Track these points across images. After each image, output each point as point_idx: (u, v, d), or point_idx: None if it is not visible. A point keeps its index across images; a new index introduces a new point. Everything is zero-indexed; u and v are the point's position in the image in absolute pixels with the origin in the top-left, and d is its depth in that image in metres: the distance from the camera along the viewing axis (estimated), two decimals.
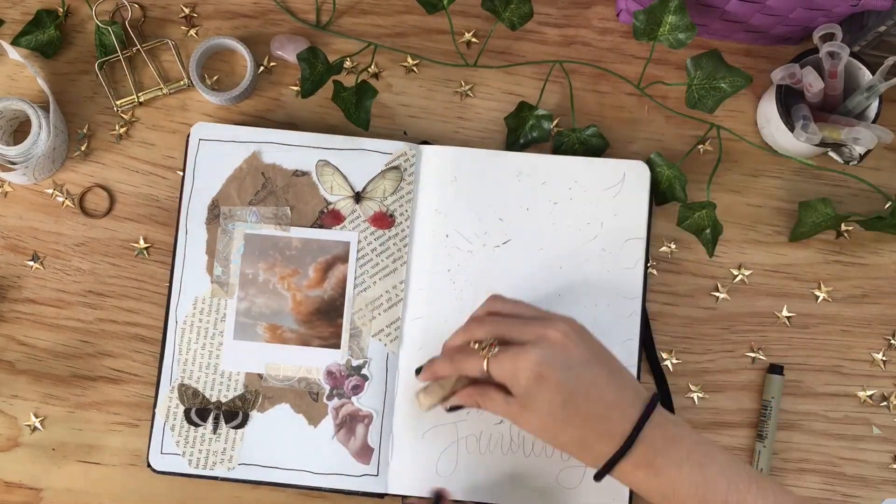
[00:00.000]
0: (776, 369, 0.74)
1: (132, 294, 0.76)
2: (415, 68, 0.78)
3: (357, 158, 0.74)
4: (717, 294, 0.76)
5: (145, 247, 0.76)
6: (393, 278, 0.73)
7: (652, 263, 0.76)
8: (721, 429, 0.74)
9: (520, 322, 0.62)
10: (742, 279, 0.76)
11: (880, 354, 0.75)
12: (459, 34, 0.79)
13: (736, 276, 0.76)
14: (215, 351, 0.73)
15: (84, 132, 0.77)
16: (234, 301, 0.73)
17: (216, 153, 0.74)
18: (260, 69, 0.78)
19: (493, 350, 0.60)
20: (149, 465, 0.71)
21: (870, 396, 0.75)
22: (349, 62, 0.78)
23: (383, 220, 0.74)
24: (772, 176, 0.77)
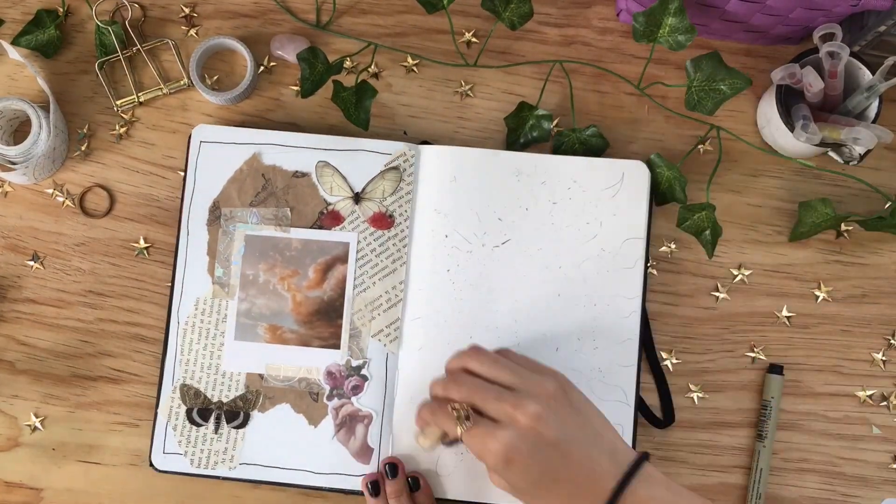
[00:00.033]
0: (776, 369, 0.74)
1: (132, 294, 0.76)
2: (415, 68, 0.78)
3: (356, 159, 0.74)
4: (717, 294, 0.76)
5: (145, 247, 0.76)
6: (392, 279, 0.73)
7: (652, 263, 0.76)
8: (721, 429, 0.74)
9: (494, 395, 0.62)
10: (742, 279, 0.76)
11: (880, 354, 0.75)
12: (459, 34, 0.79)
13: (736, 276, 0.76)
14: (216, 351, 0.73)
15: (84, 132, 0.77)
16: (235, 302, 0.73)
17: (217, 155, 0.75)
18: (260, 69, 0.78)
19: (467, 423, 0.61)
20: (151, 465, 0.71)
21: (870, 396, 0.75)
22: (349, 62, 0.78)
23: (383, 221, 0.74)
24: (772, 176, 0.77)
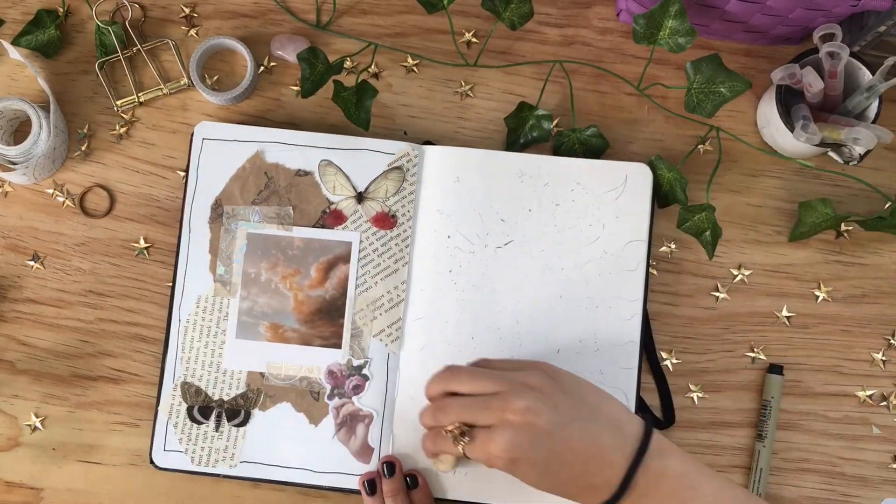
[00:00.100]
0: (776, 369, 0.74)
1: (132, 294, 0.76)
2: (415, 68, 0.78)
3: (359, 158, 0.74)
4: (717, 294, 0.76)
5: (145, 247, 0.76)
6: (394, 279, 0.73)
7: (652, 263, 0.76)
8: (721, 429, 0.74)
9: (480, 404, 0.62)
10: (742, 279, 0.76)
11: (880, 354, 0.75)
12: (459, 34, 0.79)
13: (736, 276, 0.76)
14: (218, 349, 0.73)
15: (84, 132, 0.77)
16: (237, 300, 0.73)
17: (219, 152, 0.74)
18: (260, 69, 0.78)
19: (464, 440, 0.62)
20: (152, 462, 0.71)
21: (869, 396, 0.75)
22: (349, 62, 0.78)
23: (385, 221, 0.74)
24: (772, 176, 0.77)
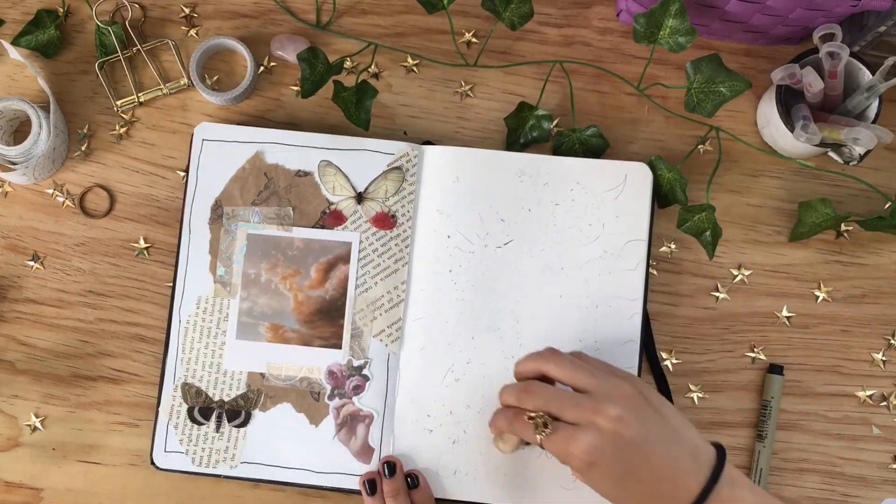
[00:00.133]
0: (776, 369, 0.74)
1: (132, 294, 0.76)
2: (415, 68, 0.78)
3: (359, 159, 0.74)
4: (717, 294, 0.76)
5: (145, 247, 0.76)
6: (394, 279, 0.73)
7: (652, 263, 0.76)
8: (721, 429, 0.74)
9: (572, 401, 0.61)
10: (742, 279, 0.76)
11: (880, 354, 0.75)
12: (459, 34, 0.79)
13: (736, 276, 0.76)
14: (218, 350, 0.73)
15: (84, 132, 0.77)
16: (237, 301, 0.73)
17: (219, 153, 0.74)
18: (260, 69, 0.78)
19: (545, 430, 0.61)
20: (152, 463, 0.71)
21: (870, 396, 0.75)
22: (349, 62, 0.78)
23: (385, 221, 0.74)
24: (772, 176, 0.77)
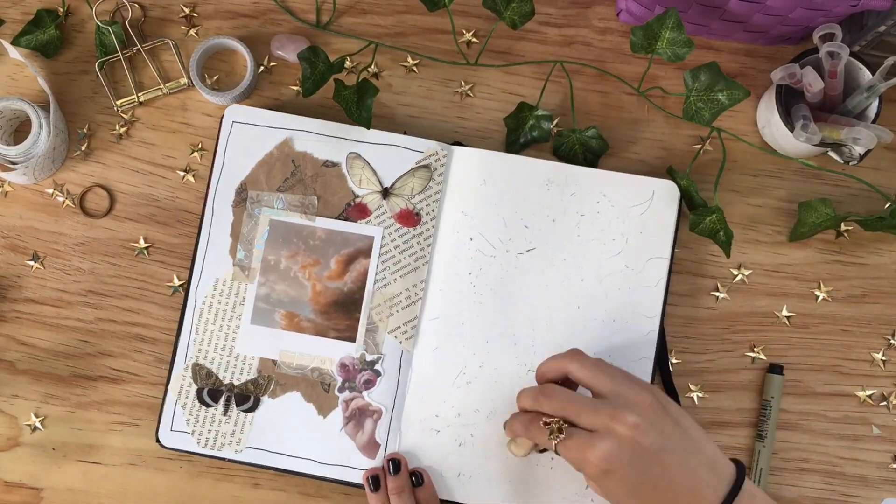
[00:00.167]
0: (776, 369, 0.74)
1: (132, 294, 0.76)
2: (415, 68, 0.78)
3: (388, 154, 0.74)
4: (717, 294, 0.76)
5: (145, 247, 0.76)
6: (414, 277, 0.73)
7: None
8: (721, 428, 0.74)
9: (590, 406, 0.61)
10: (742, 279, 0.76)
11: (880, 354, 0.75)
12: (459, 34, 0.79)
13: (736, 276, 0.76)
14: (232, 334, 0.73)
15: (84, 132, 0.77)
16: (255, 286, 0.73)
17: (248, 137, 0.74)
18: (260, 69, 0.78)
19: (560, 436, 0.61)
20: (157, 441, 0.71)
21: (870, 396, 0.75)
22: (349, 62, 0.78)
23: (409, 218, 0.74)
24: (772, 176, 0.77)
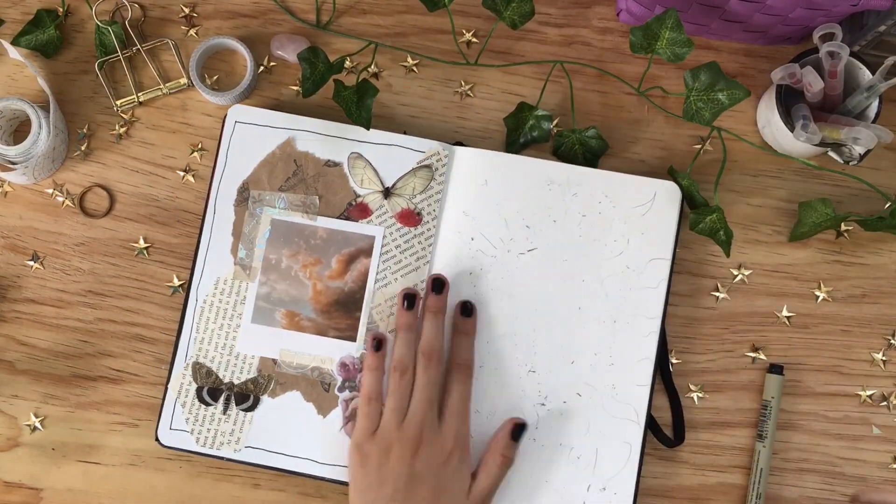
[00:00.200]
0: (776, 369, 0.74)
1: (132, 294, 0.76)
2: (415, 68, 0.78)
3: (389, 154, 0.74)
4: (717, 294, 0.76)
5: (145, 247, 0.76)
6: (415, 276, 0.73)
7: None
8: (721, 429, 0.74)
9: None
10: (742, 279, 0.76)
11: (880, 354, 0.75)
12: (459, 34, 0.79)
13: (736, 276, 0.76)
14: (232, 332, 0.73)
15: (84, 132, 0.77)
16: (255, 285, 0.73)
17: (251, 136, 0.75)
18: (260, 69, 0.78)
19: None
20: (157, 440, 0.71)
21: (870, 396, 0.75)
22: (349, 62, 0.78)
23: (410, 218, 0.74)
24: (772, 176, 0.77)
